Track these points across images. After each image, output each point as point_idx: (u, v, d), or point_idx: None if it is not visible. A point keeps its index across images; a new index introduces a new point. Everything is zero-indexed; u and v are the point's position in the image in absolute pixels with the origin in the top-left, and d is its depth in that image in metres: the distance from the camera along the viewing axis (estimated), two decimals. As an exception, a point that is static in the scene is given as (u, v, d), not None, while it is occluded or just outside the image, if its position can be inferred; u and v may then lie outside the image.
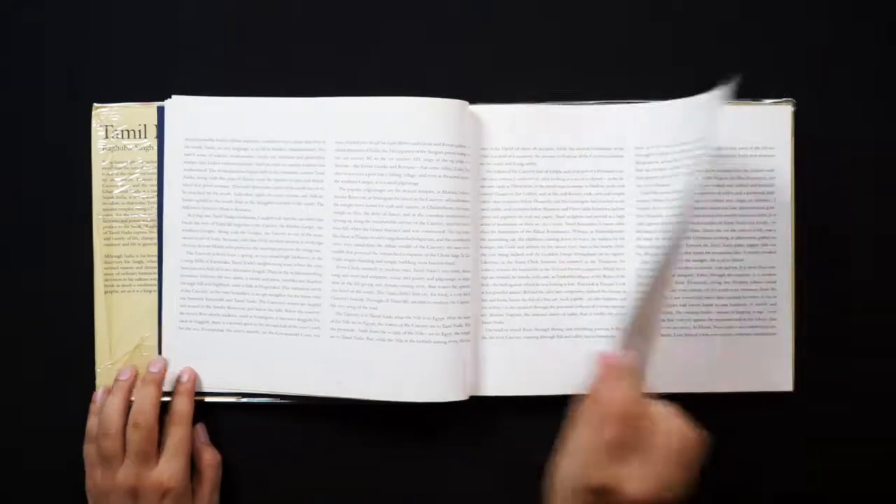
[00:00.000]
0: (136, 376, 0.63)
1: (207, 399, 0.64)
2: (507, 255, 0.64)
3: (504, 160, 0.64)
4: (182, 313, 0.64)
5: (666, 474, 0.48)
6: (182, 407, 0.62)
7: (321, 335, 0.63)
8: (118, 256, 0.64)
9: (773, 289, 0.64)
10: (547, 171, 0.64)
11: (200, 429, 0.64)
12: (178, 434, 0.61)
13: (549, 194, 0.64)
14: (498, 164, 0.64)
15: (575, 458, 0.50)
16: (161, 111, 0.64)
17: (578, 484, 0.48)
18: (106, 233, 0.64)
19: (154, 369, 0.63)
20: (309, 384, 0.63)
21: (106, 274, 0.64)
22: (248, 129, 0.64)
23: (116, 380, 0.63)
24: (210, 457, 0.63)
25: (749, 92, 0.65)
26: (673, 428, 0.49)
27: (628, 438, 0.48)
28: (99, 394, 0.63)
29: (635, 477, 0.47)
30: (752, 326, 0.64)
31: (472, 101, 0.63)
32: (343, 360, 0.62)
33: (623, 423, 0.48)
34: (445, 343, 0.61)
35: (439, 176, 0.61)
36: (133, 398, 0.62)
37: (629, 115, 0.64)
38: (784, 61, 0.66)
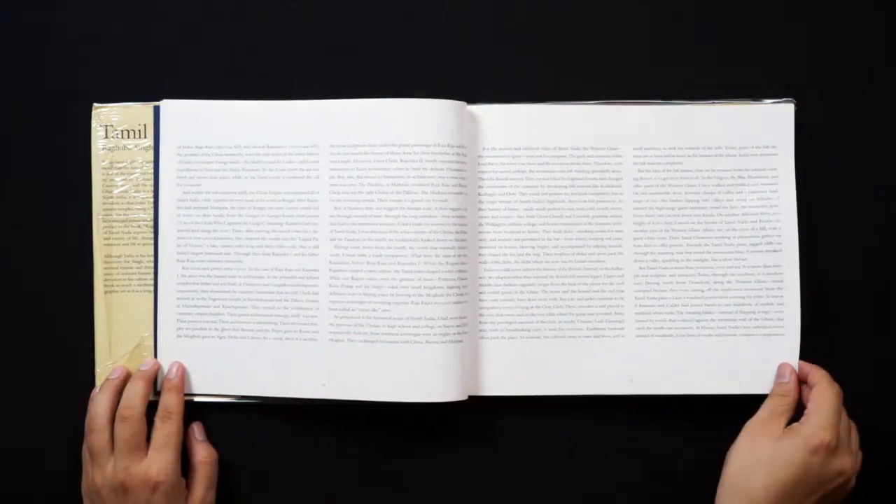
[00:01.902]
0: (127, 376, 0.63)
1: (198, 399, 0.64)
2: (505, 255, 0.64)
3: (502, 160, 0.64)
4: (178, 319, 0.64)
5: (856, 462, 0.61)
6: (170, 402, 0.62)
7: (319, 338, 0.63)
8: (118, 256, 0.64)
9: (779, 289, 0.64)
10: (545, 171, 0.64)
11: (196, 426, 0.64)
12: (166, 429, 0.61)
13: (547, 194, 0.64)
14: (496, 165, 0.64)
15: (777, 435, 0.59)
16: (157, 111, 0.64)
17: (793, 451, 0.58)
18: (106, 233, 0.64)
19: (145, 367, 0.63)
20: (308, 387, 0.63)
21: (106, 274, 0.64)
22: (242, 133, 0.64)
23: (107, 379, 0.63)
24: (205, 454, 0.63)
25: (750, 92, 0.65)
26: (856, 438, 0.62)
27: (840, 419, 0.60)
28: (95, 392, 0.63)
29: (844, 449, 0.59)
30: (757, 327, 0.64)
31: (471, 101, 0.63)
32: (342, 362, 0.62)
33: (840, 403, 0.61)
34: (444, 343, 0.61)
35: (436, 176, 0.61)
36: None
37: (628, 116, 0.64)
38: (784, 61, 0.66)
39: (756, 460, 0.59)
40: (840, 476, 0.58)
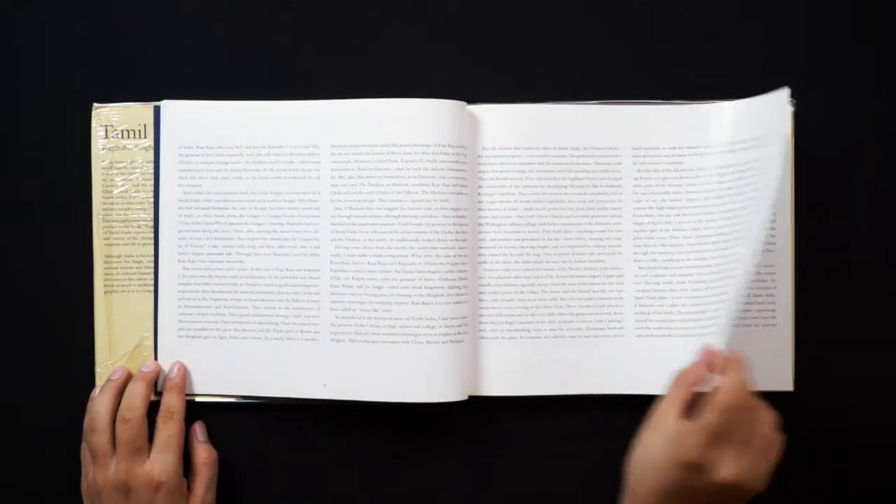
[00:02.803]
0: (128, 376, 0.63)
1: (199, 399, 0.64)
2: (505, 255, 0.64)
3: (502, 160, 0.64)
4: (179, 320, 0.64)
5: (757, 465, 0.54)
6: (172, 402, 0.62)
7: (320, 339, 0.63)
8: (118, 256, 0.64)
9: (773, 288, 0.64)
10: (545, 172, 0.64)
11: (199, 426, 0.64)
12: (167, 430, 0.61)
13: (547, 194, 0.64)
14: (496, 165, 0.64)
15: (668, 436, 0.54)
16: (157, 111, 0.64)
17: (670, 459, 0.53)
18: (106, 233, 0.64)
19: (146, 369, 0.63)
20: (309, 387, 0.63)
21: (106, 274, 0.64)
22: (242, 133, 0.64)
23: (108, 379, 0.63)
24: (206, 454, 0.63)
25: (750, 92, 0.65)
26: (770, 425, 0.55)
27: (731, 427, 0.53)
28: (95, 393, 0.63)
29: (730, 462, 0.53)
30: (751, 326, 0.64)
31: (471, 101, 0.63)
32: (342, 363, 0.62)
33: (731, 413, 0.53)
34: (444, 343, 0.61)
35: (436, 176, 0.61)
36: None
37: (628, 116, 0.64)
38: (784, 61, 0.66)
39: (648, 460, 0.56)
40: (725, 490, 0.53)
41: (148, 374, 0.62)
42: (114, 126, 0.65)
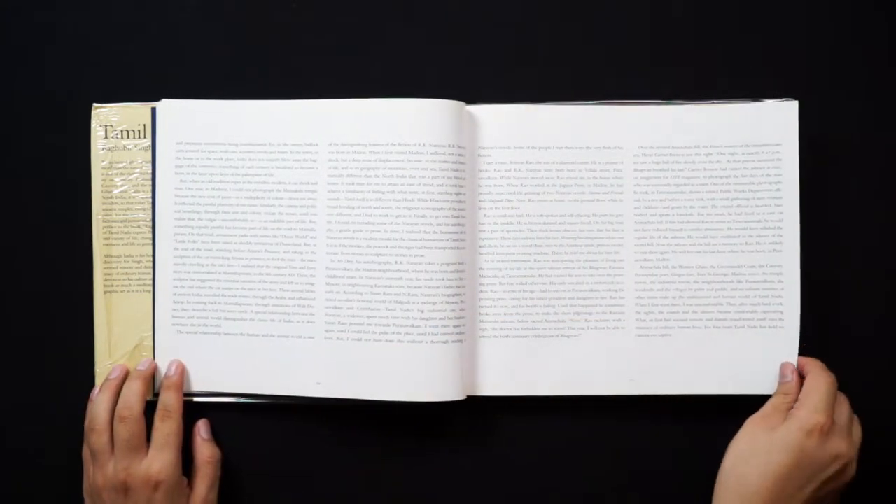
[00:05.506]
0: (126, 374, 0.63)
1: (197, 399, 0.64)
2: (504, 255, 0.64)
3: (502, 160, 0.64)
4: (175, 316, 0.64)
5: (854, 448, 0.60)
6: (169, 400, 0.62)
7: (316, 337, 0.63)
8: (117, 256, 0.64)
9: (780, 289, 0.63)
10: (544, 171, 0.64)
11: (202, 424, 0.64)
12: (165, 428, 0.61)
13: (547, 194, 0.64)
14: (495, 164, 0.64)
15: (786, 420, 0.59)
16: (154, 112, 0.64)
17: (791, 430, 0.58)
18: (105, 233, 0.64)
19: (142, 367, 0.63)
20: (304, 386, 0.63)
21: (105, 274, 0.64)
22: (240, 132, 0.64)
23: (107, 378, 0.63)
24: (209, 453, 0.63)
25: (750, 92, 0.65)
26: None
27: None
28: (95, 392, 0.63)
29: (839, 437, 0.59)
30: (756, 328, 0.64)
31: (471, 101, 0.63)
32: (338, 362, 0.62)
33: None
34: (443, 343, 0.61)
35: (436, 176, 0.61)
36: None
37: (628, 116, 0.64)
38: (785, 61, 0.66)
39: (753, 450, 0.59)
40: (836, 461, 0.58)
41: (144, 371, 0.62)
42: (113, 126, 0.65)
